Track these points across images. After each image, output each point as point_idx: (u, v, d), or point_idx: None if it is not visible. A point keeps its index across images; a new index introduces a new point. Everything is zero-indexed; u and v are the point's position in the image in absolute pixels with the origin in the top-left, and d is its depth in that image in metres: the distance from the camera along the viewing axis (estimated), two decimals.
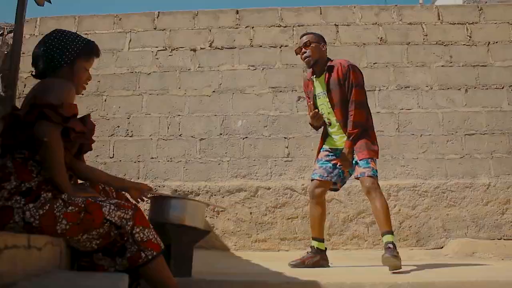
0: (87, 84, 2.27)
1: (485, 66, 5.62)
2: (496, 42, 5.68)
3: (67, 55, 2.13)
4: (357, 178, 3.57)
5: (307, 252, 3.73)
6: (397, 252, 3.30)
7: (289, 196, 5.25)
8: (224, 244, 5.15)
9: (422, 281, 2.74)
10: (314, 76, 3.80)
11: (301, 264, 3.61)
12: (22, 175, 1.89)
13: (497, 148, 5.36)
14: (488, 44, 5.68)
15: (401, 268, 3.21)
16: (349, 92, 3.59)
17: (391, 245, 3.32)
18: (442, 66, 5.64)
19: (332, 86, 3.65)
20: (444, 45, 5.69)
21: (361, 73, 3.71)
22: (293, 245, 5.12)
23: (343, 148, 3.62)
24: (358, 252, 4.94)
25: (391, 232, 3.42)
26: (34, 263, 1.45)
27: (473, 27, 5.74)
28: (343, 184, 3.89)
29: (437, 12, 5.83)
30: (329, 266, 3.71)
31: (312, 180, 3.79)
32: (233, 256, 4.80)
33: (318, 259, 3.68)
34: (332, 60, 3.76)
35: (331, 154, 3.76)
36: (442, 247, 5.03)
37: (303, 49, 3.73)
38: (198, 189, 5.32)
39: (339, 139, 3.71)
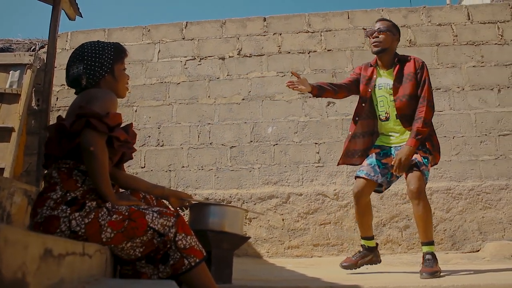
0: (128, 84, 2.31)
1: None
2: None
3: (105, 65, 2.16)
4: (407, 174, 3.37)
5: (359, 251, 3.66)
6: (436, 262, 3.24)
7: (321, 202, 5.22)
8: (257, 251, 5.15)
9: (467, 283, 2.68)
10: (378, 65, 3.66)
11: (353, 265, 3.54)
12: (68, 185, 1.92)
13: None
14: None
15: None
16: (421, 88, 3.45)
17: (429, 256, 3.26)
18: (473, 66, 5.56)
19: (403, 78, 3.50)
20: (475, 45, 5.62)
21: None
22: (326, 251, 5.09)
23: (400, 146, 3.45)
24: (392, 256, 4.88)
25: (431, 243, 3.34)
26: (87, 270, 1.48)
27: (504, 26, 5.65)
28: (388, 187, 3.71)
29: (467, 12, 5.77)
30: (380, 262, 3.67)
31: (356, 177, 3.58)
32: (267, 263, 4.80)
33: (371, 257, 3.62)
34: (401, 55, 3.65)
35: (383, 152, 3.58)
36: (479, 250, 4.94)
37: (376, 33, 3.57)
38: (230, 196, 5.33)
39: (397, 137, 3.54)
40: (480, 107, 5.43)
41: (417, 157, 3.36)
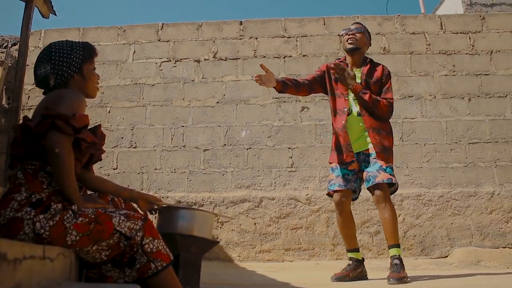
0: (98, 84, 2.28)
1: (488, 75, 5.64)
2: (499, 51, 5.71)
3: (74, 65, 2.13)
4: (371, 186, 3.46)
5: (348, 265, 3.60)
6: (403, 268, 3.29)
7: (293, 207, 5.24)
8: (228, 255, 5.14)
9: None
10: (349, 64, 3.73)
11: (345, 277, 3.48)
12: (33, 186, 1.89)
13: (501, 157, 5.37)
14: (491, 53, 5.70)
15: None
16: (384, 93, 3.59)
17: (397, 261, 3.31)
18: (445, 75, 5.66)
19: (371, 79, 3.62)
20: (447, 54, 5.72)
21: None
22: (297, 255, 5.10)
23: (360, 152, 3.56)
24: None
25: (398, 245, 3.40)
26: (48, 274, 1.45)
27: (475, 36, 5.77)
28: (360, 192, 3.75)
29: (440, 21, 5.87)
30: (367, 278, 3.61)
31: (332, 192, 3.62)
32: (238, 267, 4.79)
33: (361, 270, 3.59)
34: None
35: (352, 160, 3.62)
36: (447, 256, 5.02)
37: (353, 32, 3.71)
38: (202, 200, 5.31)
39: (357, 139, 3.59)
40: (451, 115, 5.52)
41: (381, 163, 3.45)
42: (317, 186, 5.31)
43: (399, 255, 3.35)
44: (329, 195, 3.72)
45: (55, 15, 5.16)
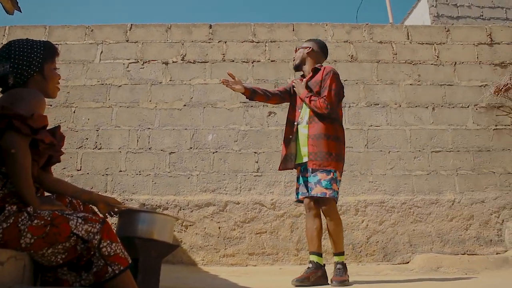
0: (59, 83, 2.24)
1: (452, 85, 5.76)
2: (462, 63, 5.84)
3: (34, 64, 2.10)
4: (317, 197, 3.60)
5: (308, 267, 3.62)
6: (345, 272, 3.52)
7: (258, 211, 5.25)
8: (192, 258, 5.11)
9: None
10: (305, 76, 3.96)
11: (306, 280, 3.50)
12: None
13: (462, 165, 5.49)
14: (455, 64, 5.84)
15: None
16: (323, 91, 3.70)
17: (340, 266, 3.53)
18: (410, 84, 5.76)
19: (312, 86, 3.78)
20: (413, 64, 5.82)
21: (341, 85, 3.82)
22: (261, 260, 5.11)
23: (301, 163, 3.75)
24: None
25: (342, 253, 3.62)
26: None
27: (440, 47, 5.89)
28: None
29: (407, 31, 5.97)
30: (327, 283, 3.61)
31: (300, 199, 3.82)
32: (201, 271, 4.77)
33: (320, 274, 3.61)
34: (318, 67, 3.91)
35: (303, 168, 3.78)
36: (408, 262, 5.09)
37: (295, 51, 4.03)
38: (167, 203, 5.27)
39: (301, 146, 3.74)
40: (415, 123, 5.62)
41: (320, 176, 3.56)
42: (282, 191, 5.33)
43: (342, 261, 3.57)
44: (299, 201, 3.91)
45: (20, 11, 5.04)
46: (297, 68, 3.97)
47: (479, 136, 5.60)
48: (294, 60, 3.98)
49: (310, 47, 3.94)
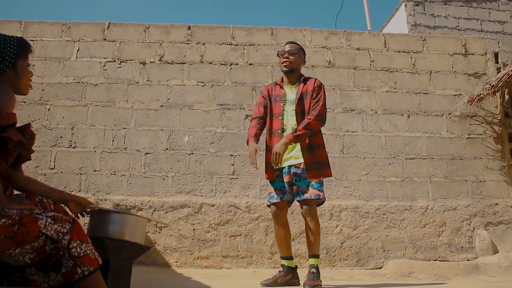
0: (31, 81, 2.20)
1: (427, 93, 5.85)
2: (438, 72, 5.94)
3: (7, 60, 2.06)
4: (301, 200, 3.64)
5: (279, 271, 3.71)
6: (318, 276, 3.52)
7: (233, 214, 5.24)
8: (166, 260, 5.06)
9: None
10: (283, 83, 3.95)
11: (273, 283, 3.57)
12: None
13: (436, 173, 5.57)
14: (430, 73, 5.93)
15: None
16: (315, 102, 3.73)
17: (314, 270, 3.53)
18: (386, 91, 5.83)
19: (305, 95, 3.79)
20: (389, 72, 5.90)
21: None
22: (235, 263, 5.10)
23: (292, 165, 3.69)
24: (299, 271, 4.96)
25: (318, 256, 3.64)
26: None
27: (417, 56, 5.98)
28: (293, 201, 3.86)
29: (384, 39, 6.05)
30: (299, 285, 3.67)
31: (271, 204, 3.78)
32: (174, 273, 4.73)
33: (290, 277, 3.68)
34: (305, 76, 3.96)
35: (282, 172, 3.77)
36: (381, 267, 5.14)
37: (287, 55, 3.89)
38: (141, 204, 5.23)
39: (287, 153, 3.71)
40: (390, 130, 5.69)
41: (311, 179, 3.63)
42: (258, 194, 5.33)
43: (317, 264, 3.58)
44: (269, 206, 3.88)
45: None
46: (291, 71, 3.90)
47: (453, 145, 5.70)
48: (290, 62, 3.87)
49: (302, 56, 3.98)
